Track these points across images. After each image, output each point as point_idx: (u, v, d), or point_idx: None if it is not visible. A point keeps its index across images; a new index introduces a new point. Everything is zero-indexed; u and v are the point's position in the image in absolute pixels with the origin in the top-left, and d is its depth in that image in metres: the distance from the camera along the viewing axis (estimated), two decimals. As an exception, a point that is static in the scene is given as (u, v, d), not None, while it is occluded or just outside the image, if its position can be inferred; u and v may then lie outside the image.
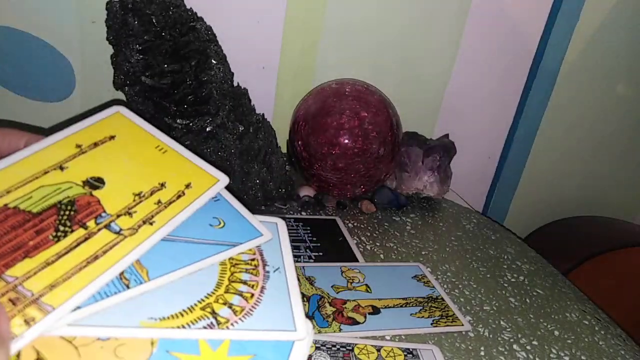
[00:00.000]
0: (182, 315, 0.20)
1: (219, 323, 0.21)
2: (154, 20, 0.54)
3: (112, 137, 0.25)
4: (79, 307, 0.19)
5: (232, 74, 0.60)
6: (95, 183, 0.23)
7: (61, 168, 0.23)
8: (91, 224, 0.21)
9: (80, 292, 0.19)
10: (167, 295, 0.21)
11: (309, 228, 0.56)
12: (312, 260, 0.50)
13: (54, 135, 0.24)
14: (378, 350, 0.37)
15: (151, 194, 0.24)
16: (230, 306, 0.22)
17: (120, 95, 0.58)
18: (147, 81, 0.55)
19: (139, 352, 0.19)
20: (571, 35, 0.80)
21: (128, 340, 0.19)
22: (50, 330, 0.18)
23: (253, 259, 0.25)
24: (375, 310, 0.43)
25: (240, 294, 0.23)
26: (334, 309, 0.42)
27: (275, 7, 0.68)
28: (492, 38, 0.79)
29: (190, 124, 0.55)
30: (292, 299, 0.23)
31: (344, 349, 0.37)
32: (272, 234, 0.26)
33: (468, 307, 0.47)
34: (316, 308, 0.42)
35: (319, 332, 0.39)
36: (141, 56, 0.55)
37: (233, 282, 0.23)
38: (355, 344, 0.38)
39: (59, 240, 0.20)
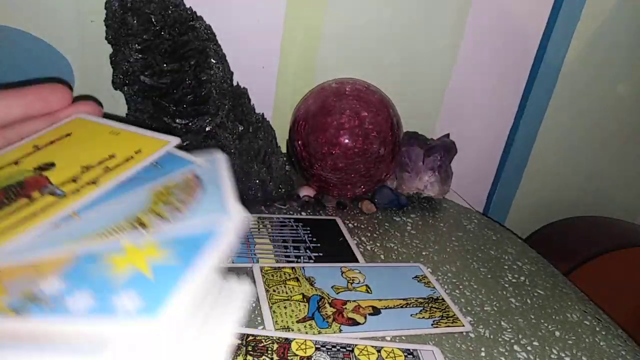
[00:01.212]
0: (106, 231, 0.20)
1: (145, 228, 0.21)
2: (153, 20, 0.54)
3: (68, 135, 0.26)
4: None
5: (232, 73, 0.60)
6: (46, 167, 0.23)
7: (16, 163, 0.24)
8: (35, 194, 0.22)
9: (10, 240, 0.19)
10: (91, 222, 0.21)
11: (309, 228, 0.56)
12: (312, 261, 0.49)
13: (15, 144, 0.26)
14: (378, 351, 0.37)
15: (99, 164, 0.24)
16: (158, 214, 0.22)
17: (120, 95, 0.58)
18: (146, 80, 0.55)
19: (59, 263, 0.19)
20: (572, 34, 0.80)
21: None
22: None
23: (188, 182, 0.24)
24: (376, 311, 0.43)
25: (171, 203, 0.23)
26: (334, 310, 0.42)
27: (275, 7, 0.68)
28: (492, 37, 0.79)
29: (190, 124, 0.55)
30: (226, 197, 0.23)
31: (344, 350, 0.37)
32: (207, 163, 0.26)
33: (469, 307, 0.46)
34: (316, 309, 0.41)
35: (319, 332, 0.39)
36: (140, 55, 0.54)
37: (164, 198, 0.23)
38: (356, 345, 0.38)
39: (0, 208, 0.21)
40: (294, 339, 0.37)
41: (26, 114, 0.24)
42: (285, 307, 0.41)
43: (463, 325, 0.43)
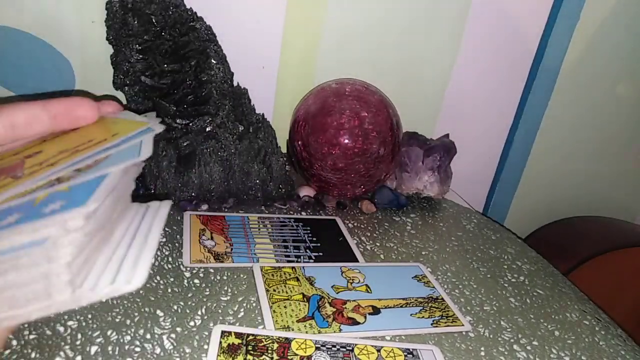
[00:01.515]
0: (25, 191, 0.21)
1: (61, 182, 0.21)
2: (154, 20, 0.54)
3: (76, 129, 0.26)
4: None
5: (232, 73, 0.60)
6: (33, 154, 0.24)
7: (15, 154, 0.24)
8: (2, 177, 0.22)
9: None
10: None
11: (309, 228, 0.56)
12: (312, 260, 0.50)
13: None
14: (378, 351, 0.37)
15: (73, 148, 0.24)
16: (78, 170, 0.22)
17: (120, 95, 0.58)
18: (147, 81, 0.55)
19: None
20: (572, 35, 0.80)
21: None
22: None
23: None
24: (376, 311, 0.43)
25: (90, 158, 0.23)
26: (334, 309, 0.42)
27: (275, 7, 0.68)
28: (492, 38, 0.79)
29: (190, 124, 0.55)
30: (140, 145, 0.24)
31: (344, 349, 0.37)
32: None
33: (468, 307, 0.46)
34: (316, 308, 0.42)
35: (319, 332, 0.39)
36: (141, 56, 0.55)
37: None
38: (356, 344, 0.38)
39: None
40: (294, 338, 0.37)
41: (51, 129, 0.24)
42: (285, 307, 0.41)
43: (463, 325, 0.43)
